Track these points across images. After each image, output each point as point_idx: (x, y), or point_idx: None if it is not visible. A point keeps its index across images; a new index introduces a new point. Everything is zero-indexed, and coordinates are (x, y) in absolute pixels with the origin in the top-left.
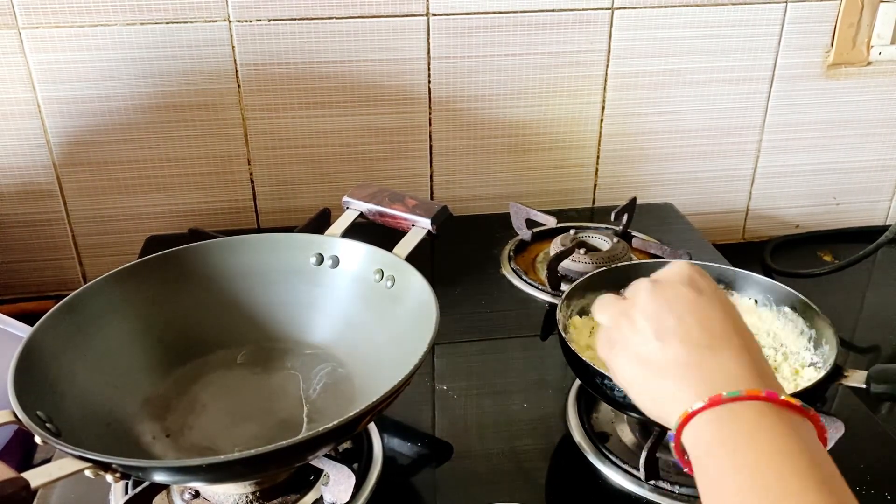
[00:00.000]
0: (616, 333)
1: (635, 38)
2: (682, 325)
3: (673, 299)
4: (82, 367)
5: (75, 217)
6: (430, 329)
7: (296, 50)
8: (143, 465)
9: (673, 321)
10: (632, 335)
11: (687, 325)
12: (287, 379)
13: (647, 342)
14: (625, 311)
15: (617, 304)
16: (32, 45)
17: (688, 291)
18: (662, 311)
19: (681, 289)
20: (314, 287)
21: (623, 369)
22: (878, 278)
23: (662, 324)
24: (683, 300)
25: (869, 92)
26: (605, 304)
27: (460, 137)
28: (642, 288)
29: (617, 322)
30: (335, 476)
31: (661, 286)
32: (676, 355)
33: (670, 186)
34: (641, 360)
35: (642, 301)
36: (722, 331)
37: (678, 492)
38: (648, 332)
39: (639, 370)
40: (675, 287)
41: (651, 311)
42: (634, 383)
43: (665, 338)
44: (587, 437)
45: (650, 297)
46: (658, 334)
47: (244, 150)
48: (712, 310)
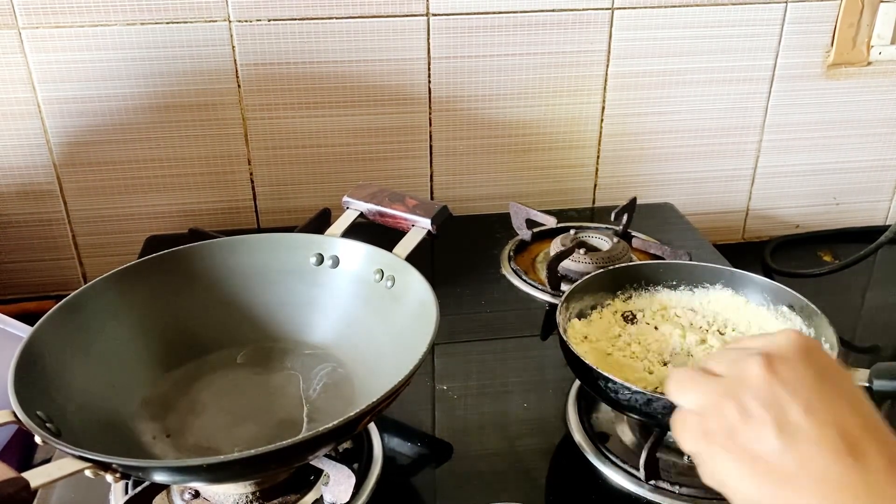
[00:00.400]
0: (717, 423)
1: (635, 38)
2: (813, 419)
3: (796, 382)
4: (82, 367)
5: (75, 217)
6: (430, 329)
7: (296, 50)
8: (143, 465)
9: (799, 413)
10: (743, 427)
11: (819, 421)
12: (287, 379)
13: (766, 438)
14: (728, 393)
15: (711, 382)
16: (32, 45)
17: (812, 373)
18: (784, 397)
19: (803, 368)
20: (314, 287)
21: (727, 470)
22: (878, 278)
23: (786, 415)
24: (811, 385)
25: (869, 92)
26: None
27: (460, 137)
28: (752, 363)
29: (718, 406)
30: (335, 476)
31: (777, 363)
32: (807, 461)
33: (670, 186)
34: (756, 461)
35: (755, 381)
36: (864, 433)
37: (678, 492)
38: (768, 423)
39: (750, 474)
40: (795, 365)
41: (769, 396)
42: (741, 489)
43: (791, 436)
44: (587, 437)
45: (766, 377)
46: (781, 429)
47: (244, 150)
48: (845, 403)
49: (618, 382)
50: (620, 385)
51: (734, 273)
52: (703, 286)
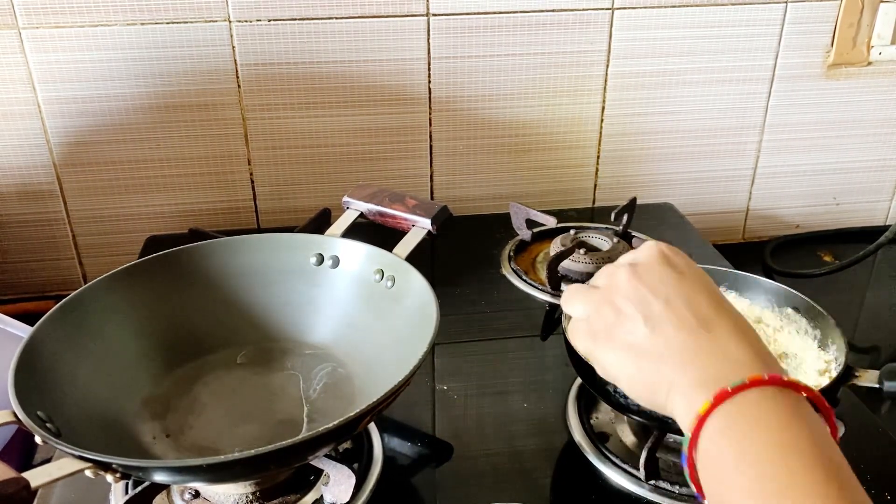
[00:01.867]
0: (598, 323)
1: (635, 38)
2: (670, 308)
3: (656, 282)
4: (82, 367)
5: (75, 217)
6: (430, 329)
7: (296, 50)
8: (144, 465)
9: (660, 305)
10: (617, 323)
11: (676, 308)
12: (287, 379)
13: (636, 329)
14: (606, 299)
15: (592, 293)
16: (32, 45)
17: (669, 272)
18: (647, 295)
19: (661, 270)
20: (314, 287)
21: (612, 361)
22: (878, 278)
23: (650, 308)
24: (667, 282)
25: (869, 92)
26: (576, 295)
27: (460, 137)
28: (621, 273)
29: (598, 311)
30: (335, 476)
31: (640, 269)
32: (669, 341)
33: (670, 186)
34: (632, 348)
35: (623, 286)
36: (712, 311)
37: (678, 492)
38: (637, 318)
39: (630, 359)
40: (655, 269)
41: (635, 297)
42: (626, 373)
43: (655, 323)
44: (587, 437)
45: (631, 282)
46: (647, 320)
47: (244, 150)
48: (698, 290)
49: None
50: None
51: (738, 275)
52: None
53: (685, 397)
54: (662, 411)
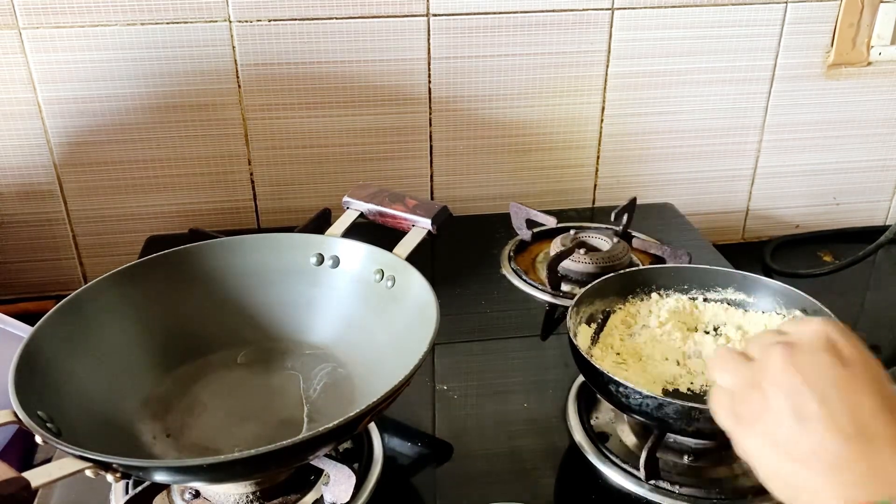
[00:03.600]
0: (744, 407)
1: (635, 38)
2: (825, 407)
3: (814, 372)
4: (82, 367)
5: (75, 217)
6: (430, 329)
7: (296, 50)
8: (144, 465)
9: (815, 402)
10: (764, 413)
11: (831, 409)
12: (287, 379)
13: (783, 424)
14: (755, 382)
15: (742, 366)
16: (33, 45)
17: (831, 362)
18: (801, 386)
19: (823, 357)
20: (314, 287)
21: (753, 449)
22: (878, 278)
23: (802, 403)
24: (827, 374)
25: (869, 92)
26: (726, 363)
27: (460, 137)
28: (775, 354)
29: (745, 393)
30: (335, 476)
31: (798, 353)
32: (818, 446)
33: (670, 186)
34: (776, 443)
35: (776, 371)
36: (874, 417)
37: (678, 492)
38: (785, 412)
39: (773, 454)
40: (816, 356)
41: (788, 386)
42: (766, 467)
43: (806, 422)
44: (587, 437)
45: (785, 368)
46: (797, 416)
47: (244, 150)
48: (862, 388)
49: (629, 387)
50: (632, 390)
51: (745, 277)
52: (715, 290)
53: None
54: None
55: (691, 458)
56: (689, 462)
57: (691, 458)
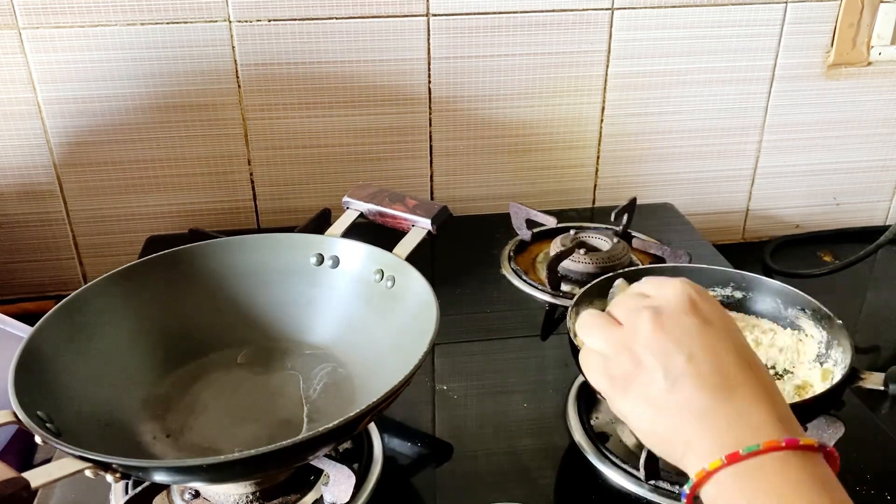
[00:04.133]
0: (617, 368)
1: (635, 38)
2: (693, 363)
3: (680, 333)
4: (82, 367)
5: (75, 217)
6: (430, 329)
7: (296, 50)
8: (144, 465)
9: (682, 359)
10: (636, 374)
11: (699, 365)
12: (287, 379)
13: (655, 382)
14: (625, 344)
15: (611, 331)
16: (33, 45)
17: (694, 321)
18: (669, 347)
19: (686, 319)
20: (314, 287)
21: (628, 409)
22: (878, 278)
23: (671, 362)
24: (692, 334)
25: (869, 92)
26: (594, 326)
27: (460, 137)
28: (643, 318)
29: (617, 354)
30: (335, 476)
31: (664, 317)
32: (689, 400)
33: (670, 186)
34: (650, 401)
35: (644, 334)
36: (736, 369)
37: (678, 492)
38: (657, 371)
39: (647, 413)
40: (680, 318)
41: (657, 347)
42: (642, 425)
43: (676, 379)
44: (587, 437)
45: (654, 330)
46: (667, 374)
47: (244, 150)
48: (723, 344)
49: None
50: None
51: (745, 276)
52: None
53: (700, 460)
54: (678, 466)
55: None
56: None
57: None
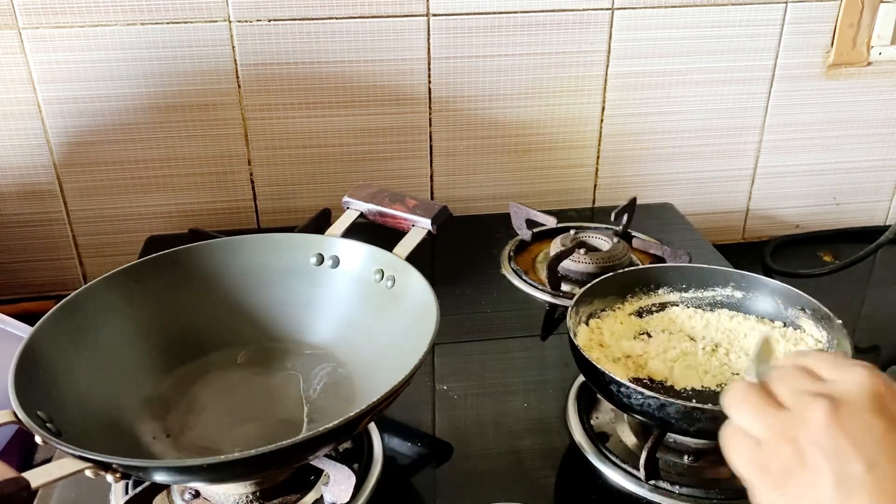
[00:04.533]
0: (774, 460)
1: (635, 38)
2: (872, 474)
3: (862, 433)
4: (82, 367)
5: (75, 217)
6: (430, 329)
7: (296, 50)
8: (144, 465)
9: (861, 467)
10: (800, 473)
11: (880, 477)
12: (287, 379)
13: (822, 488)
14: (789, 435)
15: (773, 413)
16: (32, 45)
17: (881, 424)
18: (846, 448)
19: (871, 419)
20: (314, 287)
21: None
22: (878, 278)
23: (846, 467)
24: (875, 436)
25: (869, 92)
26: (748, 404)
27: (460, 137)
28: (816, 407)
29: (777, 445)
30: (335, 476)
31: (843, 410)
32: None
33: (670, 186)
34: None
35: (817, 429)
36: None
37: (678, 492)
38: (826, 476)
39: None
40: (864, 416)
41: (831, 447)
42: None
43: (848, 489)
44: (587, 437)
45: (829, 425)
46: (839, 482)
47: (244, 150)
48: None
49: (630, 387)
50: (633, 390)
51: (745, 276)
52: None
53: None
54: None
55: (691, 458)
56: (689, 462)
57: (691, 458)
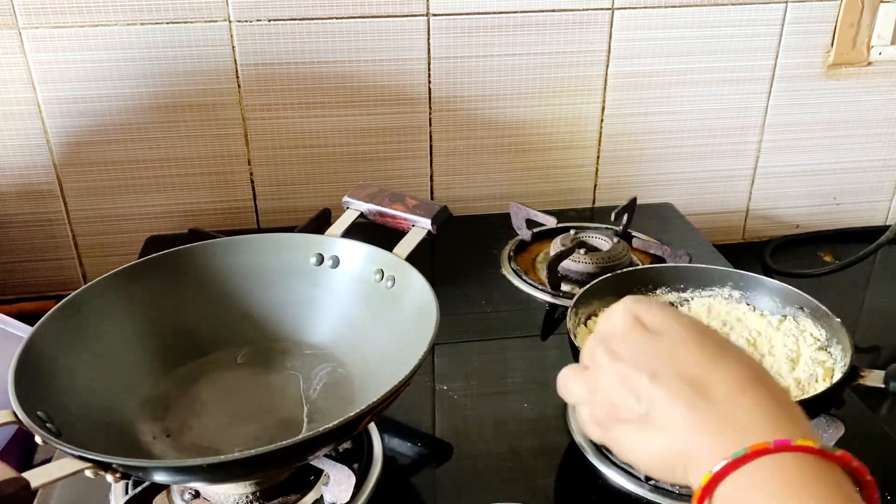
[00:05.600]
0: (598, 412)
1: (635, 38)
2: (656, 381)
3: (633, 353)
4: (82, 367)
5: (75, 217)
6: (430, 329)
7: (296, 50)
8: (144, 465)
9: (645, 379)
10: (614, 410)
11: (663, 380)
12: (287, 379)
13: (630, 410)
14: (594, 386)
15: (582, 376)
16: (32, 45)
17: (644, 338)
18: (629, 372)
19: (634, 337)
20: (314, 287)
21: (623, 446)
22: (878, 278)
23: (636, 386)
24: (645, 350)
25: (869, 92)
26: (569, 380)
27: (460, 137)
28: (598, 353)
29: (592, 399)
30: (335, 476)
31: (614, 343)
32: (668, 417)
33: (670, 186)
34: (635, 430)
35: (604, 367)
36: (704, 371)
37: (678, 491)
38: (628, 399)
39: (637, 443)
40: (628, 338)
41: (618, 377)
42: (638, 457)
43: (648, 401)
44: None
45: (610, 361)
46: (639, 399)
47: (244, 150)
48: (682, 349)
49: None
50: None
51: (743, 276)
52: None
53: (700, 474)
54: (688, 485)
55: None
56: None
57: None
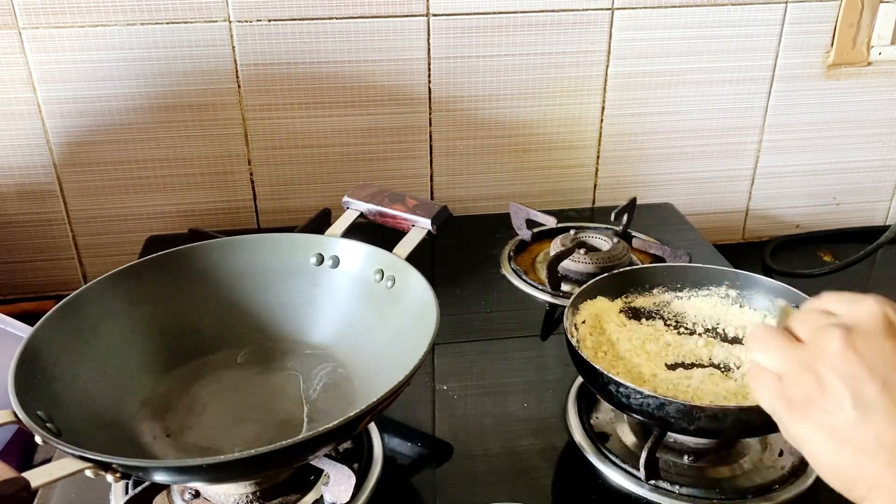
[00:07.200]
0: (796, 391)
1: (635, 38)
2: (887, 392)
3: (875, 357)
4: (82, 367)
5: (75, 217)
6: (430, 329)
7: (296, 50)
8: (144, 465)
9: (876, 387)
10: (820, 398)
11: (894, 395)
12: (287, 379)
13: (842, 410)
14: (808, 365)
15: (791, 348)
16: (32, 45)
17: (887, 342)
18: (861, 372)
19: (884, 343)
20: (314, 287)
21: (806, 437)
22: (878, 278)
23: (862, 389)
24: (888, 359)
25: (869, 92)
26: (770, 343)
27: (460, 137)
28: (832, 337)
29: (797, 376)
30: (335, 476)
31: (857, 337)
32: (881, 434)
33: (670, 186)
34: (833, 432)
35: (833, 356)
36: None
37: (678, 492)
38: (845, 398)
39: (828, 443)
40: (876, 339)
41: (846, 372)
42: (821, 457)
43: (866, 408)
44: (587, 437)
45: (844, 351)
46: (857, 403)
47: (244, 150)
48: None
49: (629, 387)
50: (632, 389)
51: (739, 275)
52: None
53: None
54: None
55: (691, 458)
56: (689, 462)
57: (691, 458)
